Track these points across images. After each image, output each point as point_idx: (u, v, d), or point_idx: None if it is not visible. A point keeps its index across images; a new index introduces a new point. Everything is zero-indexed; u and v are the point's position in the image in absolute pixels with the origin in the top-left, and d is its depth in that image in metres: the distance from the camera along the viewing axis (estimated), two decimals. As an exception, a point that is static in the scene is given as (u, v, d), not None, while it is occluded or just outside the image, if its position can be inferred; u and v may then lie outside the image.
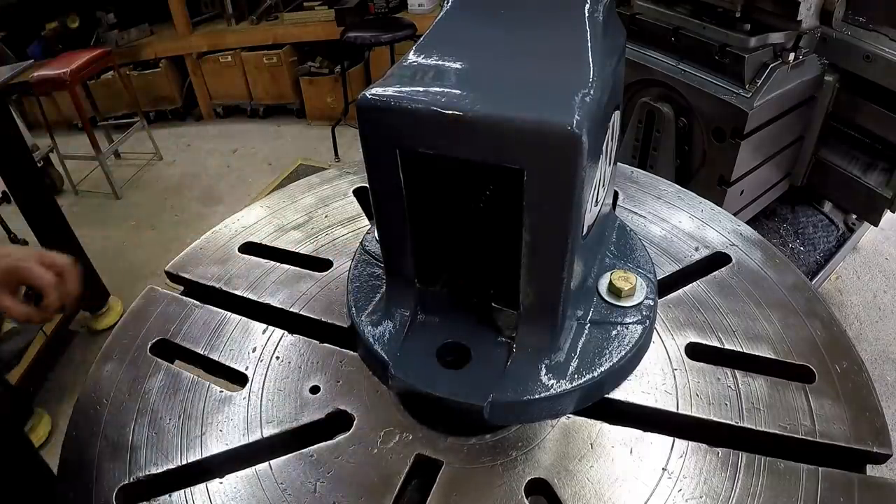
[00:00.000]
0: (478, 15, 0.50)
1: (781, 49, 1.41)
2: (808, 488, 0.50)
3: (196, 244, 0.80)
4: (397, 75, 0.44)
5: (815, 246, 1.82)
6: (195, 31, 3.47)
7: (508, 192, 0.44)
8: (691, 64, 1.51)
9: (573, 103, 0.40)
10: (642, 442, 0.55)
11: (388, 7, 3.16)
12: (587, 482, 0.52)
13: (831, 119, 1.60)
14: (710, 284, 0.70)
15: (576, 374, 0.50)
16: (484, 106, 0.40)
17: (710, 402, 0.57)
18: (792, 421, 0.55)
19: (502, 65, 0.46)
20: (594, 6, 0.47)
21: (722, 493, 0.50)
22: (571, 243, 0.45)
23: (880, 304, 2.05)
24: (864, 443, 0.53)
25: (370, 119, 0.44)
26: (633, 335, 0.52)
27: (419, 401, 0.47)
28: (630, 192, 0.84)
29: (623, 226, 0.64)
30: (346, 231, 0.81)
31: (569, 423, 0.57)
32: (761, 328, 0.64)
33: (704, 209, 0.81)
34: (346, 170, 0.93)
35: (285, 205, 0.86)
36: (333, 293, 0.71)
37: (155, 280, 0.76)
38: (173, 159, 3.32)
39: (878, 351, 1.89)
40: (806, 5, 1.27)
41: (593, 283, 0.56)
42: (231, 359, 0.65)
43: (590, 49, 0.45)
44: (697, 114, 1.51)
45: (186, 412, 0.59)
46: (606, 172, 0.54)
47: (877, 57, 1.41)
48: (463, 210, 0.49)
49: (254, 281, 0.73)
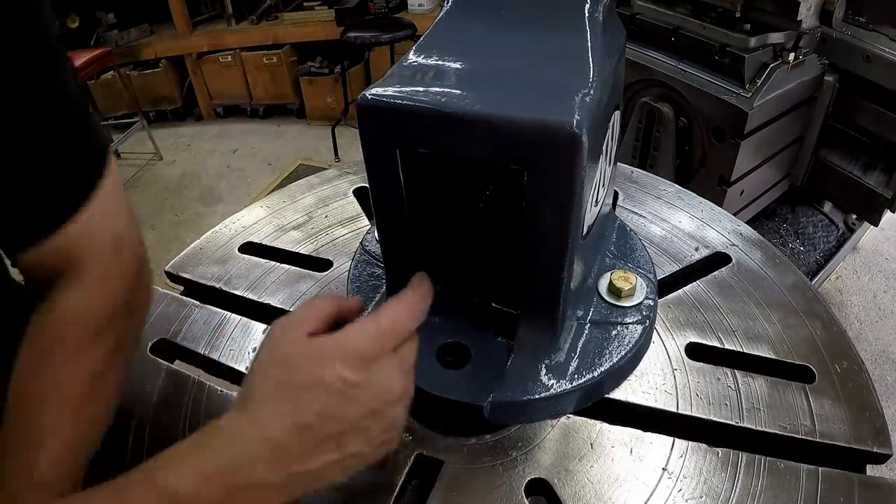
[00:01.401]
0: (478, 15, 0.50)
1: (781, 49, 1.41)
2: (808, 488, 0.50)
3: (196, 244, 0.80)
4: (397, 75, 0.44)
5: (815, 246, 1.82)
6: (195, 31, 3.47)
7: (508, 192, 0.44)
8: (691, 64, 1.52)
9: (573, 103, 0.40)
10: (642, 442, 0.55)
11: (388, 7, 3.17)
12: (587, 482, 0.52)
13: (831, 119, 1.60)
14: (710, 284, 0.70)
15: (576, 374, 0.50)
16: (484, 106, 0.40)
17: (710, 402, 0.57)
18: (792, 421, 0.55)
19: (502, 65, 0.46)
20: (594, 6, 0.47)
21: (722, 493, 0.50)
22: (571, 243, 0.45)
23: (880, 304, 2.05)
24: (864, 443, 0.53)
25: (370, 119, 0.44)
26: (633, 335, 0.52)
27: (419, 400, 0.47)
28: (630, 192, 0.84)
29: (623, 226, 0.64)
30: (346, 231, 0.81)
31: (569, 423, 0.57)
32: (761, 328, 0.64)
33: (704, 209, 0.81)
34: (346, 170, 0.93)
35: (285, 205, 0.86)
36: (333, 293, 0.71)
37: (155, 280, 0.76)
38: (173, 159, 3.32)
39: (878, 351, 1.89)
40: (806, 5, 1.27)
41: (593, 283, 0.56)
42: (231, 359, 0.65)
43: (590, 49, 0.45)
44: (697, 114, 1.51)
45: (187, 412, 0.59)
46: (606, 172, 0.54)
47: (877, 57, 1.41)
48: (463, 210, 0.49)
49: (254, 281, 0.73)
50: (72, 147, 0.48)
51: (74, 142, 0.48)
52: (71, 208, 0.47)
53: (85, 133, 0.49)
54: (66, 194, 0.47)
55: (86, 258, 0.49)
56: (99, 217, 0.49)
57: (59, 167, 0.47)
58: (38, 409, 0.46)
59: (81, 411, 0.47)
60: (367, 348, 0.39)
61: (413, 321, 0.44)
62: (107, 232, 0.50)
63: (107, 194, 0.49)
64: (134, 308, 0.53)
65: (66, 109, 0.47)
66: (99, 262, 0.49)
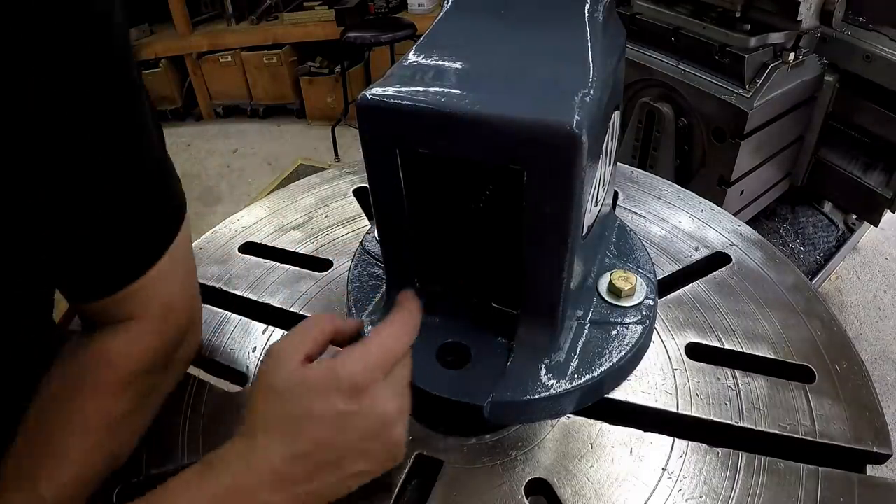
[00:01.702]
0: (478, 15, 0.50)
1: (781, 49, 1.41)
2: (808, 488, 0.50)
3: (196, 244, 0.80)
4: (397, 75, 0.44)
5: (815, 246, 1.82)
6: (195, 31, 3.47)
7: (508, 192, 0.44)
8: (691, 64, 1.52)
9: (573, 103, 0.40)
10: (642, 442, 0.55)
11: (388, 7, 3.17)
12: (587, 482, 0.52)
13: (831, 119, 1.60)
14: (710, 284, 0.70)
15: (576, 374, 0.50)
16: (484, 106, 0.40)
17: (710, 402, 0.57)
18: (792, 421, 0.55)
19: (502, 65, 0.46)
20: (594, 6, 0.47)
21: (722, 493, 0.50)
22: (571, 243, 0.45)
23: (880, 304, 2.05)
24: (864, 443, 0.53)
25: (370, 119, 0.44)
26: (633, 335, 0.52)
27: (419, 400, 0.47)
28: (630, 192, 0.84)
29: (623, 226, 0.64)
30: (346, 231, 0.81)
31: (569, 423, 0.57)
32: (761, 328, 0.64)
33: (704, 209, 0.81)
34: (346, 170, 0.93)
35: (285, 205, 0.86)
36: (333, 293, 0.71)
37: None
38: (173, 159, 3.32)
39: (878, 351, 1.89)
40: (806, 5, 1.27)
41: (593, 283, 0.56)
42: (231, 359, 0.65)
43: (590, 49, 0.45)
44: (697, 114, 1.51)
45: (186, 413, 0.59)
46: (606, 172, 0.54)
47: (877, 57, 1.41)
48: (463, 210, 0.49)
49: (254, 281, 0.73)
50: (149, 207, 0.46)
51: (152, 201, 0.47)
52: (137, 272, 0.47)
53: (163, 191, 0.48)
54: (134, 257, 0.47)
55: (133, 316, 0.49)
56: (156, 280, 0.48)
57: (133, 228, 0.46)
58: (59, 431, 0.45)
59: (102, 444, 0.47)
60: (360, 377, 0.40)
61: (404, 344, 0.45)
62: (160, 296, 0.50)
63: (171, 258, 0.49)
64: (173, 363, 0.54)
65: (146, 163, 0.45)
66: (144, 322, 0.49)
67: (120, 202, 0.44)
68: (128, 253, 0.46)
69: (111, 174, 0.43)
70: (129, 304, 0.48)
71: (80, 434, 0.46)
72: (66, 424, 0.46)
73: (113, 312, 0.48)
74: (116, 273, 0.46)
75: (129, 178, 0.44)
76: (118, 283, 0.47)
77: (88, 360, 0.48)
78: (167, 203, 0.49)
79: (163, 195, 0.48)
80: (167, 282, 0.50)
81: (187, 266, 0.53)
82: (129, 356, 0.49)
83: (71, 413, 0.46)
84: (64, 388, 0.47)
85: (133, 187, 0.45)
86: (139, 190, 0.45)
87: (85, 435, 0.46)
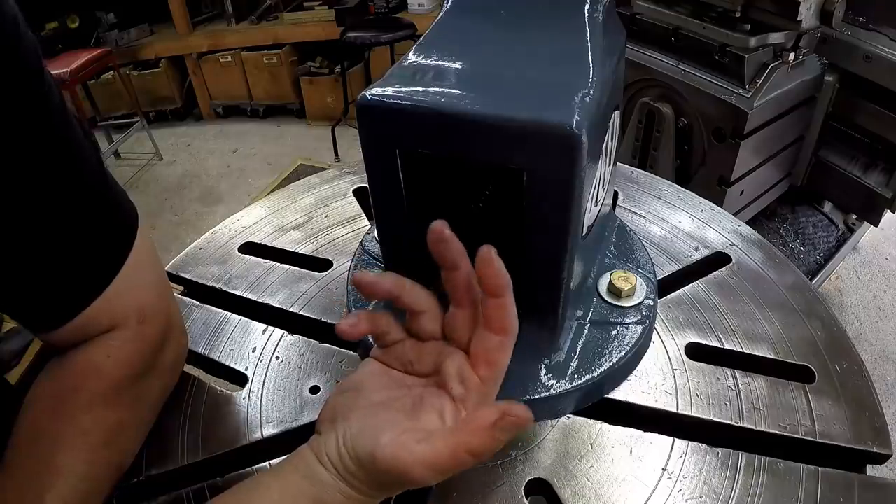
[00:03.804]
0: (477, 15, 0.50)
1: (781, 49, 1.41)
2: (808, 488, 0.50)
3: (196, 244, 0.80)
4: (397, 75, 0.44)
5: (815, 246, 1.82)
6: (195, 31, 3.47)
7: (508, 193, 0.44)
8: (691, 64, 1.52)
9: (573, 103, 0.40)
10: (642, 442, 0.55)
11: (388, 7, 3.17)
12: (587, 482, 0.52)
13: (831, 119, 1.60)
14: (710, 284, 0.70)
15: (576, 375, 0.50)
16: (484, 106, 0.40)
17: (710, 402, 0.57)
18: (792, 421, 0.55)
19: (502, 65, 0.46)
20: (594, 6, 0.47)
21: (722, 493, 0.50)
22: (571, 243, 0.45)
23: (880, 304, 2.05)
24: (864, 443, 0.53)
25: (370, 119, 0.44)
26: (633, 335, 0.52)
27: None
28: (630, 192, 0.84)
29: (623, 226, 0.64)
30: (346, 231, 0.81)
31: (569, 423, 0.57)
32: (761, 328, 0.64)
33: (704, 209, 0.81)
34: (346, 170, 0.93)
35: (285, 205, 0.86)
36: (333, 293, 0.71)
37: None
38: (173, 159, 3.32)
39: (878, 351, 1.89)
40: (806, 5, 1.27)
41: (593, 283, 0.56)
42: (231, 359, 0.65)
43: (590, 49, 0.45)
44: (697, 114, 1.51)
45: (186, 413, 0.59)
46: (606, 172, 0.54)
47: (877, 57, 1.41)
48: (463, 210, 0.49)
49: (254, 281, 0.73)
50: (95, 223, 0.46)
51: (97, 217, 0.46)
52: (94, 291, 0.46)
53: (106, 204, 0.47)
54: (89, 277, 0.46)
55: (110, 328, 0.49)
56: (124, 291, 0.48)
57: (82, 247, 0.45)
58: (54, 446, 0.45)
59: (100, 454, 0.47)
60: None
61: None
62: (132, 304, 0.49)
63: (133, 267, 0.48)
64: (158, 369, 0.54)
65: (83, 179, 0.44)
66: (122, 331, 0.49)
67: (61, 223, 0.43)
68: (82, 272, 0.46)
69: (46, 196, 0.42)
70: (102, 319, 0.48)
71: (82, 449, 0.46)
72: (67, 440, 0.46)
73: (86, 331, 0.48)
74: (76, 293, 0.46)
75: (65, 198, 0.43)
76: (79, 302, 0.46)
77: (76, 373, 0.48)
78: (113, 216, 0.48)
79: (106, 209, 0.47)
80: (137, 289, 0.50)
81: (155, 270, 0.53)
82: (116, 362, 0.49)
83: (63, 429, 0.46)
84: (51, 405, 0.47)
85: (72, 206, 0.44)
86: (80, 208, 0.44)
87: (82, 447, 0.46)
